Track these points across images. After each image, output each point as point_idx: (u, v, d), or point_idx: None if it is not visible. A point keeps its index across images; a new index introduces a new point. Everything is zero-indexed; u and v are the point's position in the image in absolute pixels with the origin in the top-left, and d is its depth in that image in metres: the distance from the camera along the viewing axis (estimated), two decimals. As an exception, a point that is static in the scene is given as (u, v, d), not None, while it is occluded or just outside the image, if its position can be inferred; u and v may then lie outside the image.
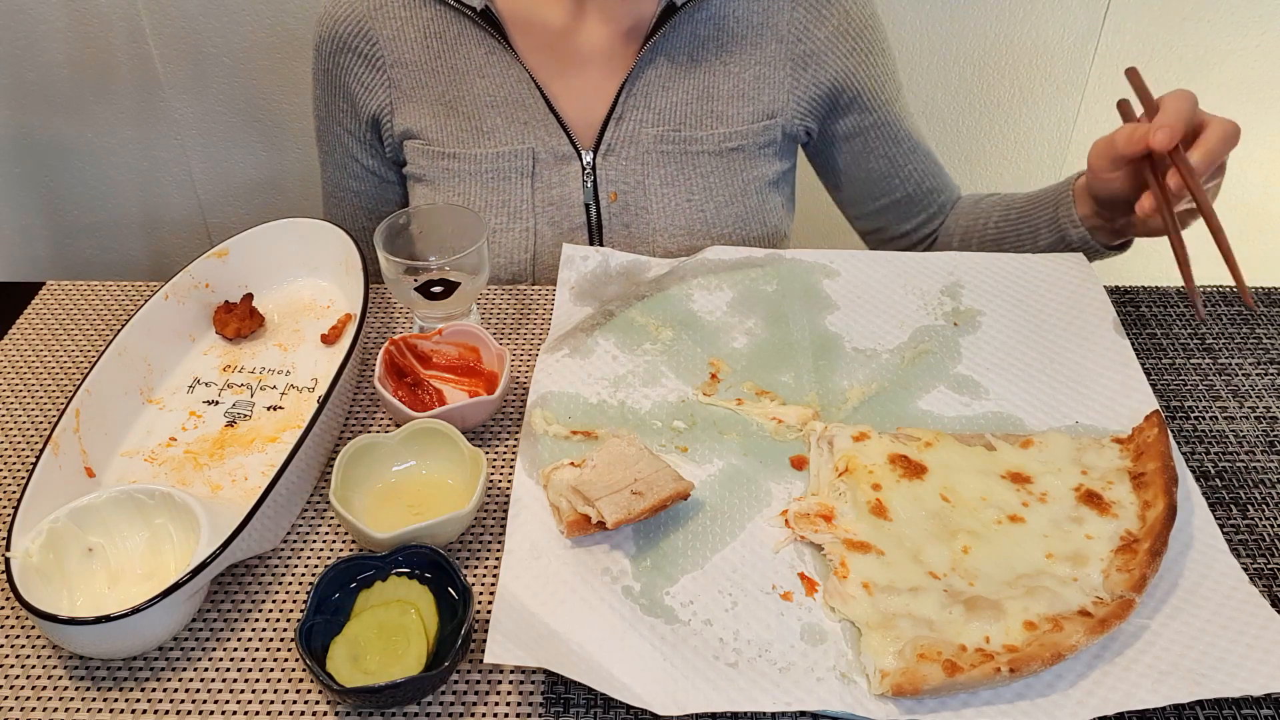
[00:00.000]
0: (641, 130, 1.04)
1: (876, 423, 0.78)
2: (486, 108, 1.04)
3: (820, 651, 0.63)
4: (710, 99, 1.05)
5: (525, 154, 1.04)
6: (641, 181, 1.05)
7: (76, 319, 0.93)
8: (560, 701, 0.64)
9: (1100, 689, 0.61)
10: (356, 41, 1.04)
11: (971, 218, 1.11)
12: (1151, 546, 0.66)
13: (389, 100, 1.06)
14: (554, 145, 1.04)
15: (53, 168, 1.80)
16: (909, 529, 0.70)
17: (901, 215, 1.15)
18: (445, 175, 1.06)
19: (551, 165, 1.04)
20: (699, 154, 1.05)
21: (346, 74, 1.06)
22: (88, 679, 0.65)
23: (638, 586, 0.67)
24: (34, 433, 0.82)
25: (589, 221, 1.06)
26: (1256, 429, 0.81)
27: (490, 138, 1.04)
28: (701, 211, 1.06)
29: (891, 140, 1.10)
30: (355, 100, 1.07)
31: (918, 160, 1.12)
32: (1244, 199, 1.80)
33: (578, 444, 0.77)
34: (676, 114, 1.04)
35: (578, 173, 1.04)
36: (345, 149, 1.12)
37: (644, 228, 1.06)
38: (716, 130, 1.05)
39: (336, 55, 1.06)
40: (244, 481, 0.76)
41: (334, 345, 0.88)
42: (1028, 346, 0.85)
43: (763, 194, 1.08)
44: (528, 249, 1.05)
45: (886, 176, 1.12)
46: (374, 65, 1.05)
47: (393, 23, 1.03)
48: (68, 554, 0.67)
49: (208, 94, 1.71)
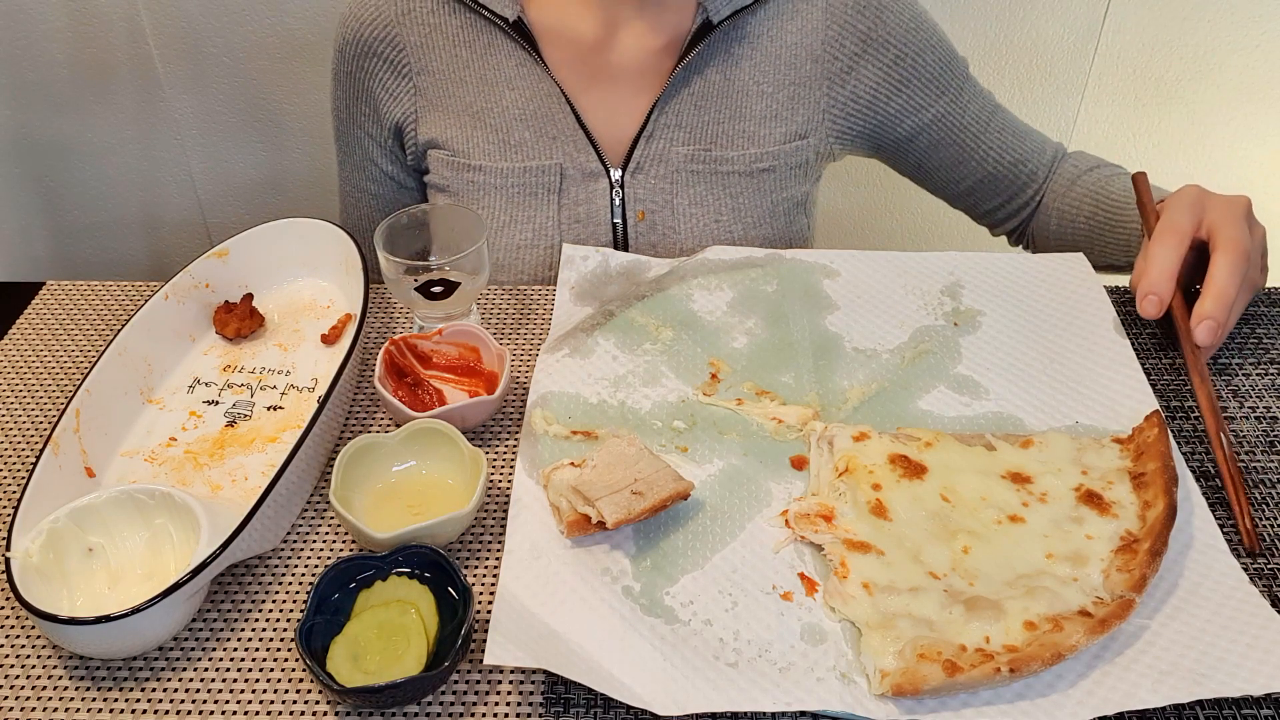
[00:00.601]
0: (672, 149, 1.03)
1: (876, 423, 0.78)
2: (515, 120, 1.02)
3: (820, 651, 0.63)
4: (742, 118, 1.03)
5: (553, 170, 1.02)
6: (670, 201, 1.04)
7: (76, 319, 0.93)
8: (560, 701, 0.64)
9: (1100, 689, 0.61)
10: (382, 47, 1.03)
11: (1066, 203, 1.09)
12: (1152, 546, 0.66)
13: (414, 108, 1.04)
14: (582, 162, 1.02)
15: (53, 168, 1.80)
16: (909, 529, 0.70)
17: (988, 194, 1.14)
18: (470, 187, 1.04)
19: (579, 182, 1.03)
20: (729, 174, 1.04)
21: (371, 79, 1.04)
22: (88, 679, 0.65)
23: (638, 586, 0.67)
24: (34, 433, 0.82)
25: (615, 240, 1.05)
26: (1257, 429, 0.81)
27: (518, 151, 1.03)
28: (730, 233, 1.04)
29: (956, 128, 1.09)
30: (379, 106, 1.06)
31: (990, 139, 1.10)
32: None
33: (578, 444, 0.77)
34: (708, 133, 1.03)
35: (605, 190, 1.03)
36: (365, 152, 1.11)
37: (671, 248, 1.04)
38: (748, 150, 1.04)
39: (361, 59, 1.04)
40: (244, 481, 0.76)
41: (334, 345, 0.88)
42: (1028, 346, 0.85)
43: (790, 215, 1.07)
44: (552, 266, 1.03)
45: (959, 163, 1.11)
46: (400, 72, 1.03)
47: (420, 29, 1.02)
48: (68, 554, 0.67)
49: (208, 94, 1.71)
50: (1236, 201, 0.85)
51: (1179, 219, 0.84)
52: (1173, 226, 0.84)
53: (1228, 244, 0.81)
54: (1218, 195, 0.87)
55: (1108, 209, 1.03)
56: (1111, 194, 1.04)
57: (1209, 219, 0.84)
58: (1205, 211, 0.84)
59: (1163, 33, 1.65)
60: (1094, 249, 1.04)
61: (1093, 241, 1.05)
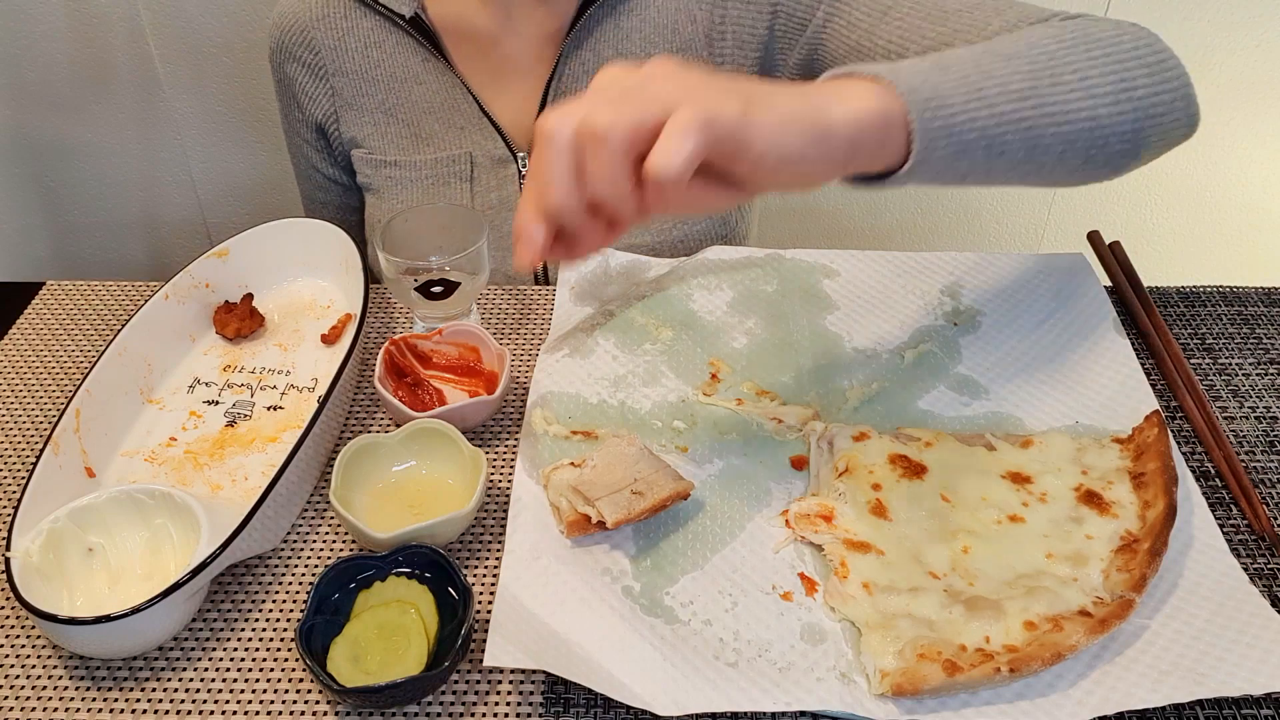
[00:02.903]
0: None
1: (876, 423, 0.78)
2: (424, 114, 1.04)
3: (820, 651, 0.63)
4: None
5: (463, 158, 1.04)
6: None
7: (76, 319, 0.93)
8: (560, 702, 0.64)
9: (1100, 689, 0.61)
10: (301, 51, 1.05)
11: None
12: (1152, 546, 0.66)
13: (333, 109, 1.06)
14: (490, 149, 1.03)
15: (53, 168, 1.80)
16: (909, 529, 0.70)
17: None
18: (389, 183, 1.06)
19: (489, 169, 1.04)
20: None
21: (293, 83, 1.07)
22: (88, 679, 0.65)
23: (638, 587, 0.67)
24: (34, 433, 0.82)
25: None
26: (1257, 429, 0.81)
27: (429, 143, 1.04)
28: None
29: (848, 27, 0.91)
30: (304, 109, 1.08)
31: (891, 26, 0.88)
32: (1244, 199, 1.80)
33: (578, 444, 0.77)
34: None
35: (515, 176, 1.04)
36: (307, 160, 1.13)
37: None
38: None
39: (284, 65, 1.07)
40: (244, 481, 0.76)
41: (334, 345, 0.88)
42: (1028, 346, 0.85)
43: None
44: None
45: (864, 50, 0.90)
46: (317, 74, 1.05)
47: (334, 32, 1.03)
48: (68, 554, 0.67)
49: (208, 94, 1.71)
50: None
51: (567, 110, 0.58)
52: (549, 126, 0.57)
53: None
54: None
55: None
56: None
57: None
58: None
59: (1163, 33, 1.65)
60: None
61: None
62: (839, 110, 0.61)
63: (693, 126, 0.55)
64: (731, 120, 0.56)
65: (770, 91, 0.60)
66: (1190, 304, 0.93)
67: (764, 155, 0.58)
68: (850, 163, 0.63)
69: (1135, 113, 0.72)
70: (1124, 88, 0.72)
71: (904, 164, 0.64)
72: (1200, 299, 0.94)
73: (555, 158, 0.57)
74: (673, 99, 0.56)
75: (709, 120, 0.55)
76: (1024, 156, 0.69)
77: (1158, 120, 0.74)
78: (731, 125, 0.56)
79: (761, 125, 0.57)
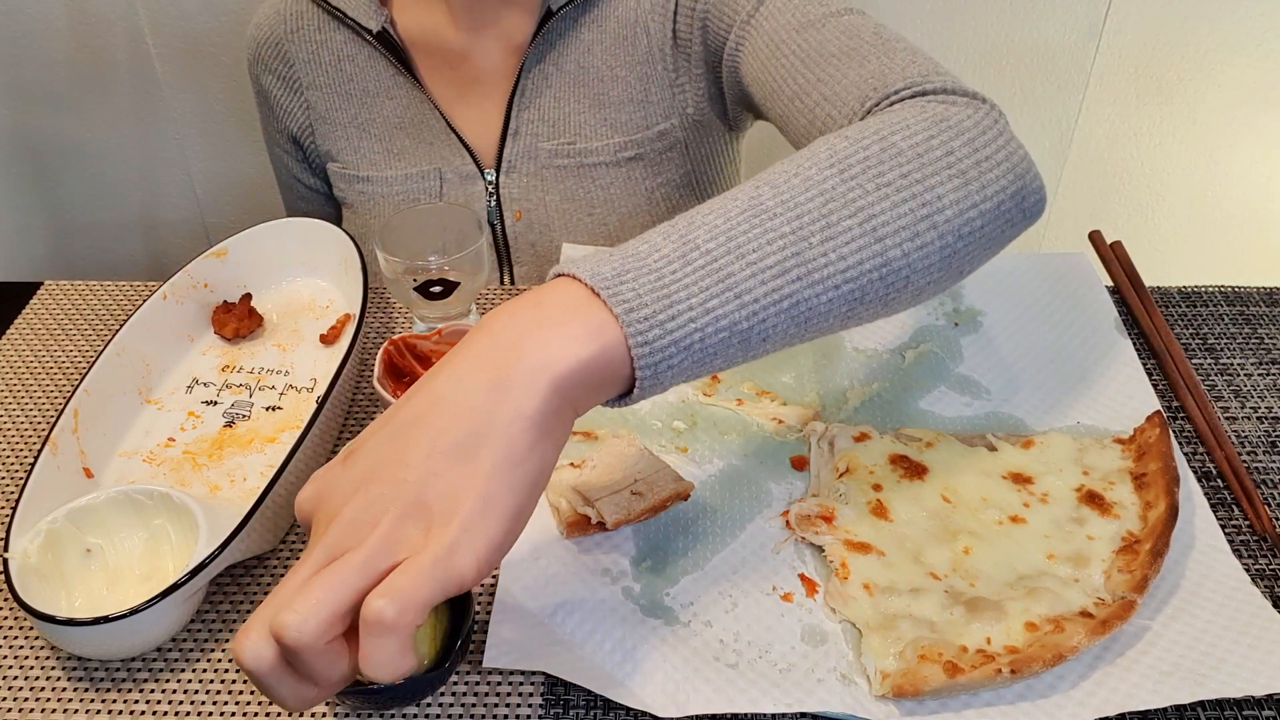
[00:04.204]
0: (537, 145, 1.02)
1: (877, 423, 0.78)
2: (395, 129, 1.04)
3: (821, 653, 0.63)
4: (602, 106, 1.00)
5: (433, 174, 1.03)
6: (543, 198, 1.03)
7: (75, 319, 0.93)
8: (560, 703, 0.63)
9: (1101, 690, 0.61)
10: (275, 63, 1.05)
11: None
12: (1153, 547, 0.66)
13: (308, 122, 1.06)
14: (458, 165, 1.03)
15: (51, 168, 1.80)
16: (910, 530, 0.69)
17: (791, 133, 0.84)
18: (361, 198, 1.06)
19: (458, 185, 1.04)
20: (596, 166, 1.02)
21: (269, 95, 1.07)
22: (86, 680, 0.65)
23: (637, 588, 0.67)
24: (32, 433, 0.82)
25: (496, 241, 1.05)
26: (1258, 429, 0.81)
27: (400, 159, 1.04)
28: (604, 225, 1.03)
29: (761, 52, 0.85)
30: (281, 122, 1.08)
31: (781, 65, 0.82)
32: (1246, 199, 1.80)
33: (577, 444, 0.76)
34: (570, 126, 1.01)
35: (482, 192, 1.04)
36: (288, 169, 1.13)
37: (549, 245, 1.04)
38: (612, 140, 1.01)
39: (260, 76, 1.07)
40: (243, 482, 0.76)
41: (333, 345, 0.88)
42: (1029, 346, 0.85)
43: (672, 200, 1.04)
44: None
45: (770, 98, 0.84)
46: (292, 87, 1.05)
47: (308, 45, 1.03)
48: (66, 555, 0.67)
49: (207, 94, 1.71)
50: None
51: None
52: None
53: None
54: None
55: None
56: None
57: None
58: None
59: (1165, 32, 1.65)
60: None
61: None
62: (554, 442, 0.53)
63: (390, 633, 0.49)
64: (431, 592, 0.49)
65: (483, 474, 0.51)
66: (1192, 304, 0.93)
67: (485, 568, 0.51)
68: (567, 430, 0.54)
69: (941, 240, 0.60)
70: (925, 214, 0.60)
71: (631, 390, 0.55)
72: (1202, 299, 0.93)
73: (266, 685, 0.50)
74: (372, 564, 0.49)
75: (404, 610, 0.49)
76: (796, 330, 0.58)
77: (975, 235, 0.62)
78: (432, 596, 0.50)
79: (469, 560, 0.50)
